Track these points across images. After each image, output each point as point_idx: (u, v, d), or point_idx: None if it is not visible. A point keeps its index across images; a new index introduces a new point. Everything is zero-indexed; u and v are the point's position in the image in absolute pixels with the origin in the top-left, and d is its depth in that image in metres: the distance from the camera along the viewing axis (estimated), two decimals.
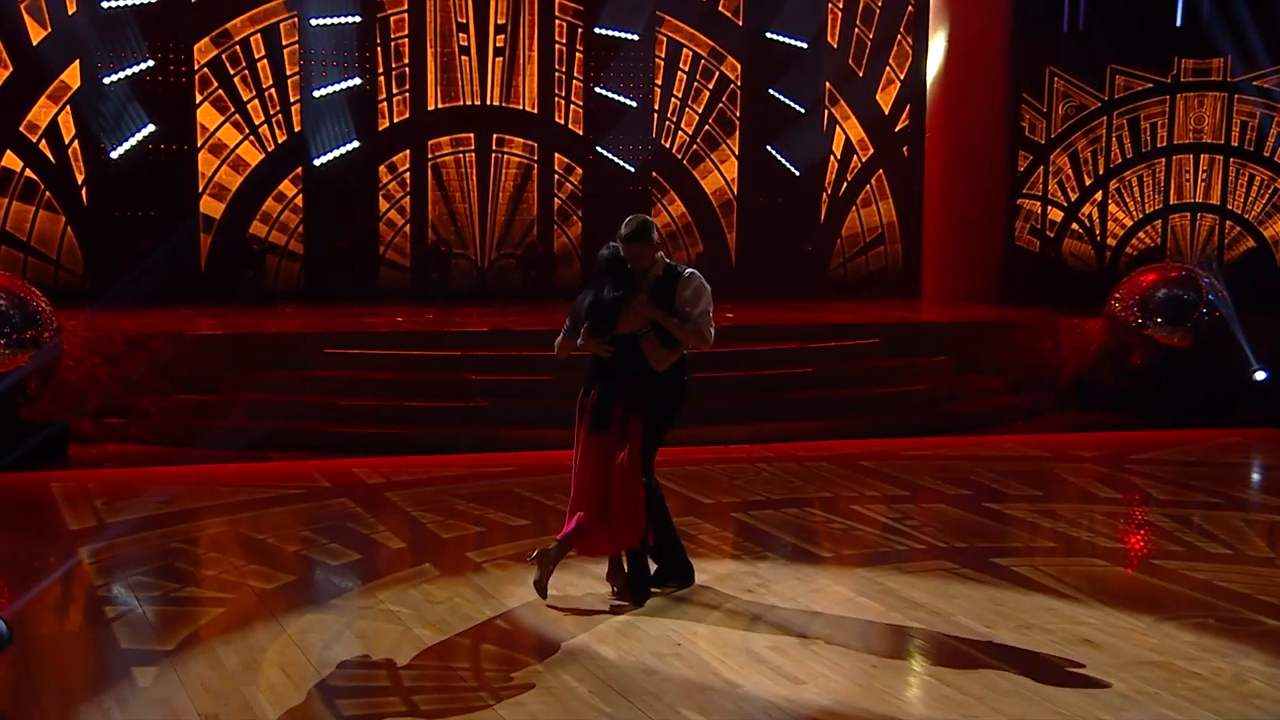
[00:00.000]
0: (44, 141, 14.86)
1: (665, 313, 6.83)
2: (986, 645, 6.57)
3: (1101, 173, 16.53)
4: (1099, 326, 14.20)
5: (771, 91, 17.10)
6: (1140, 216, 16.52)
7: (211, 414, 11.59)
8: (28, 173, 14.85)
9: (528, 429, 11.40)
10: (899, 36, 17.57)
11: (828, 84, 17.30)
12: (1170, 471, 10.90)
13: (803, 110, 17.22)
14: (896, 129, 17.66)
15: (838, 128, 17.43)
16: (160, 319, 13.18)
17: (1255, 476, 11.60)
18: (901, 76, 17.60)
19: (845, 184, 17.54)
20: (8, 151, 14.73)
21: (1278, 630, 6.90)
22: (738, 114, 17.04)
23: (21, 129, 14.77)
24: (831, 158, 17.45)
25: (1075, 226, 16.65)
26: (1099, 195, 16.58)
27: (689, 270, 6.99)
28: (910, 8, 17.37)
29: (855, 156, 17.54)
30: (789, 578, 7.65)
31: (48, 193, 14.91)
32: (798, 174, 17.28)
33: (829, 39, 17.29)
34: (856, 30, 17.40)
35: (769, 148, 17.12)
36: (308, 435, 11.23)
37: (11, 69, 14.67)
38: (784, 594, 7.33)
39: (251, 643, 6.33)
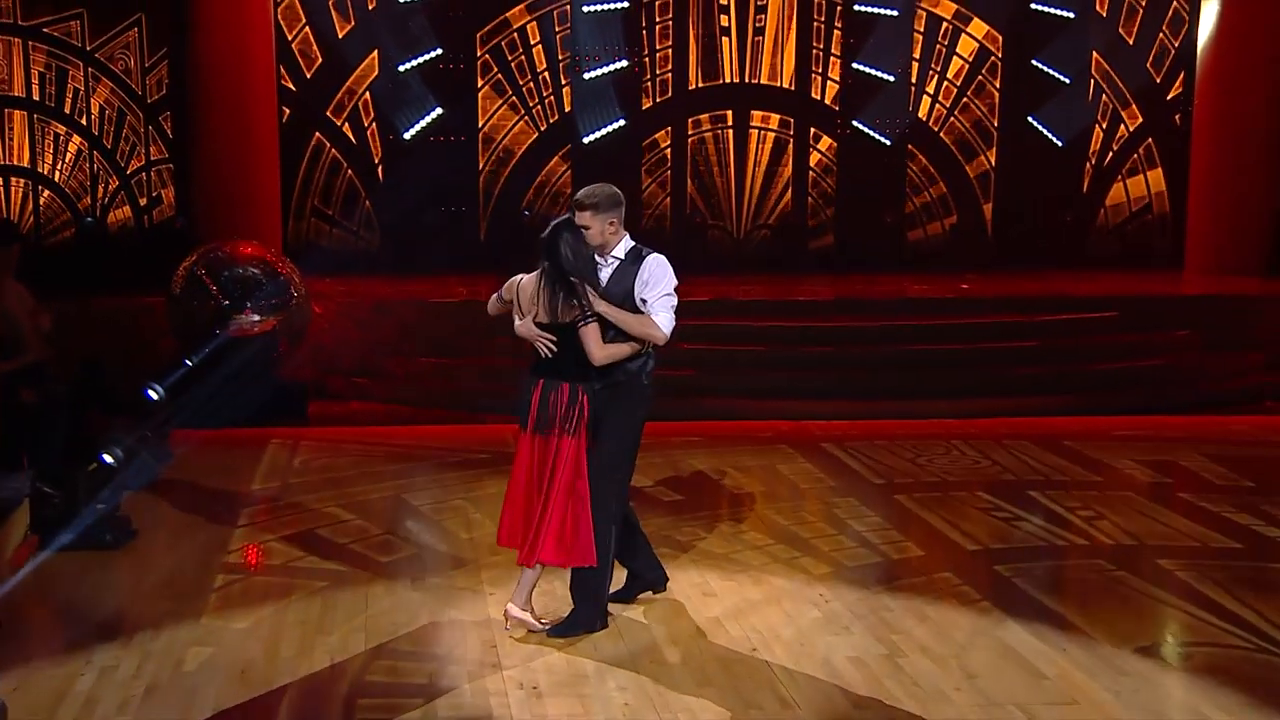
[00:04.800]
0: (347, 124, 14.84)
1: (620, 301, 5.46)
2: (1107, 664, 5.26)
3: None
4: None
5: (1035, 62, 15.35)
6: None
7: (449, 377, 11.21)
8: (333, 152, 14.87)
9: (731, 399, 10.47)
10: (1173, 2, 15.44)
11: (1095, 54, 15.41)
12: None
13: (1068, 81, 15.39)
14: (1168, 97, 15.57)
15: (1104, 96, 15.51)
16: (420, 285, 12.91)
17: None
18: (1176, 43, 15.48)
19: (1110, 154, 15.62)
20: (316, 133, 14.78)
21: None
22: (998, 85, 15.39)
23: (328, 113, 14.79)
24: (1097, 127, 15.56)
25: None
26: None
27: (654, 254, 5.57)
28: None
29: (1122, 125, 15.57)
30: (910, 574, 6.48)
31: (349, 170, 14.91)
32: (1060, 144, 15.49)
33: (1098, 8, 15.38)
34: None
35: (1030, 118, 15.39)
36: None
37: (320, 59, 14.70)
38: (897, 598, 6.17)
39: (338, 618, 5.71)
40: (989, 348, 11.55)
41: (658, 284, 5.50)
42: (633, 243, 5.61)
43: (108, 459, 6.69)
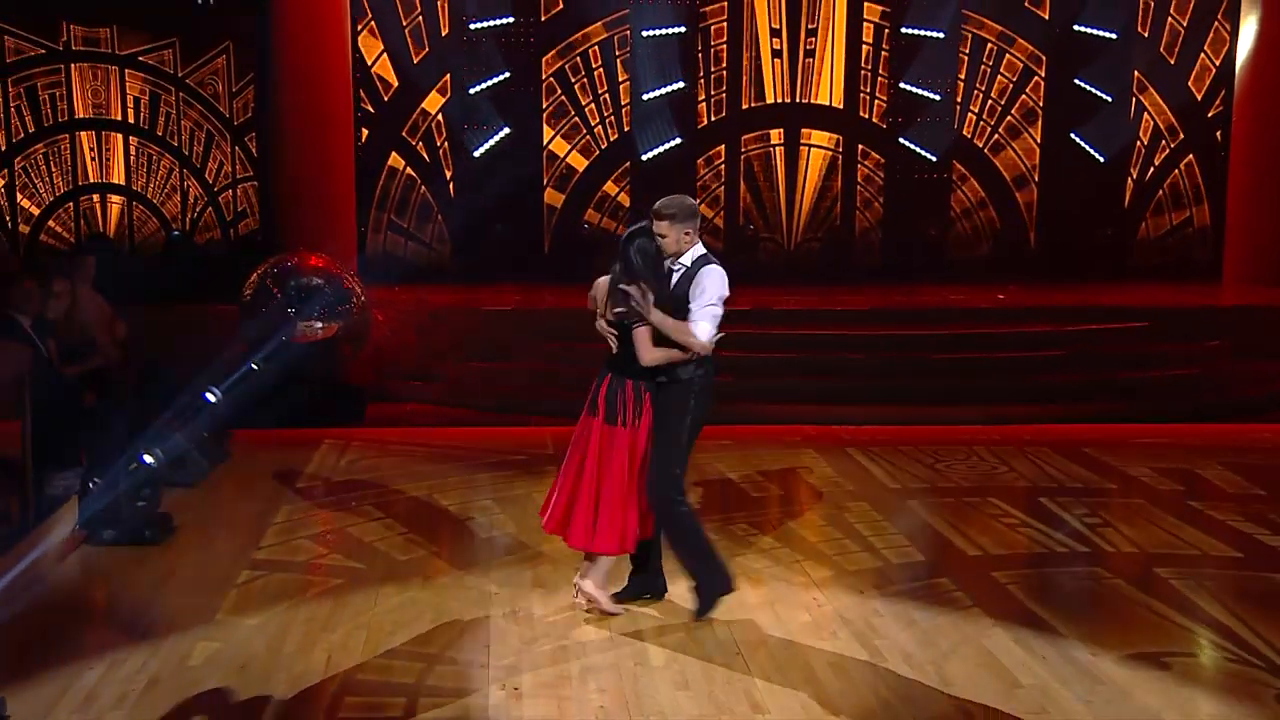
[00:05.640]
0: (421, 144, 14.86)
1: (684, 304, 5.32)
2: (1085, 674, 4.98)
3: None
4: None
5: (1077, 81, 14.89)
6: None
7: (499, 380, 11.13)
8: (408, 170, 14.90)
9: (761, 404, 10.24)
10: (1215, 23, 14.89)
11: (1136, 73, 14.90)
12: None
13: (1109, 99, 14.91)
14: (1209, 114, 15.00)
15: (1145, 114, 14.99)
16: (481, 294, 12.85)
17: None
18: (1217, 63, 14.92)
19: (1152, 169, 15.10)
20: (393, 153, 14.82)
21: None
22: (1041, 104, 14.96)
23: (403, 134, 14.83)
24: (1138, 144, 15.05)
25: None
26: None
27: (711, 265, 5.41)
28: None
29: (1163, 141, 15.04)
30: (906, 580, 6.21)
31: (423, 186, 14.93)
32: (1103, 160, 15.00)
33: (1139, 29, 14.88)
34: (1170, 19, 14.88)
35: (1073, 134, 14.94)
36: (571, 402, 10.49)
37: (397, 83, 14.74)
38: (888, 603, 5.91)
39: (345, 615, 5.61)
40: (1019, 356, 11.18)
41: (704, 294, 5.37)
42: (703, 250, 5.50)
43: (148, 459, 6.68)
